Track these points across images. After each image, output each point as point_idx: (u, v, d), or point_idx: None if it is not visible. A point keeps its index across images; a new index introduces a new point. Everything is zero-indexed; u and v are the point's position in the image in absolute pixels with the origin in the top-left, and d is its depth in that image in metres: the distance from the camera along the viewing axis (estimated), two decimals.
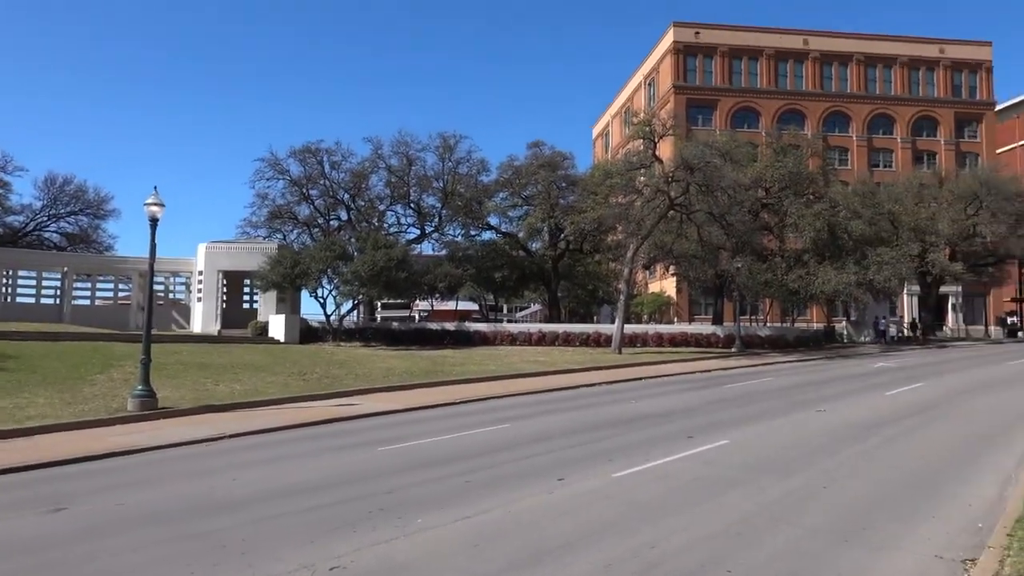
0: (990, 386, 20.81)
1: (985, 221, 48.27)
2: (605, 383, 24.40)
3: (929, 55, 65.97)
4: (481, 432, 14.51)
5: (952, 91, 66.14)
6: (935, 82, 66.11)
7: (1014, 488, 8.96)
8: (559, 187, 46.86)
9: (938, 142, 65.53)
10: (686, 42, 62.44)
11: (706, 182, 35.60)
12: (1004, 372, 25.14)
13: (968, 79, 66.86)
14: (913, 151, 64.77)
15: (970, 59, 66.66)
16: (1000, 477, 9.77)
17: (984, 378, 23.12)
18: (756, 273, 40.26)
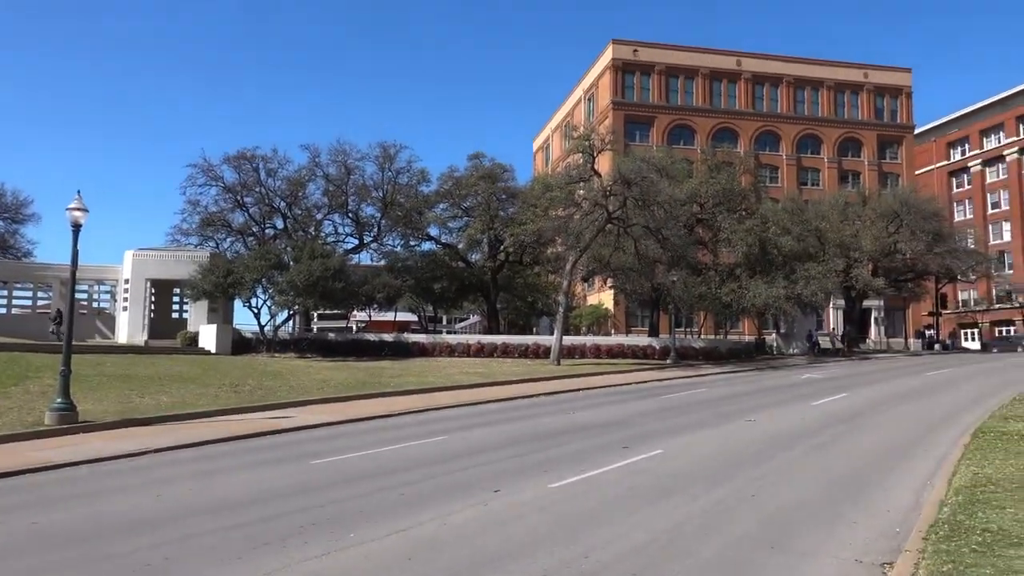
0: (909, 396, 21.75)
1: (905, 239, 50.66)
2: (543, 394, 24.51)
3: (854, 79, 69.07)
4: (418, 444, 14.38)
5: (875, 114, 69.35)
6: (859, 105, 69.21)
7: (929, 494, 9.37)
8: (499, 199, 47.03)
9: (862, 162, 68.52)
10: (625, 59, 63.77)
11: (643, 197, 36.30)
12: (922, 383, 26.33)
13: (890, 103, 70.23)
14: (839, 171, 67.54)
15: (891, 84, 70.07)
16: (917, 484, 10.20)
17: (903, 389, 24.16)
18: (691, 286, 41.21)
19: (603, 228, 37.98)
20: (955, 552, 6.62)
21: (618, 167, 37.97)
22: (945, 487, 9.46)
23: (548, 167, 76.16)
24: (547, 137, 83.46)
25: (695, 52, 65.89)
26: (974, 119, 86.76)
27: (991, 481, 9.55)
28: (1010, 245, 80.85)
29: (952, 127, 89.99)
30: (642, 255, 38.91)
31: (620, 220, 37.58)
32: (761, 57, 67.55)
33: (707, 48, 66.71)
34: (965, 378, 27.93)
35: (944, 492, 9.16)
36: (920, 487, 9.95)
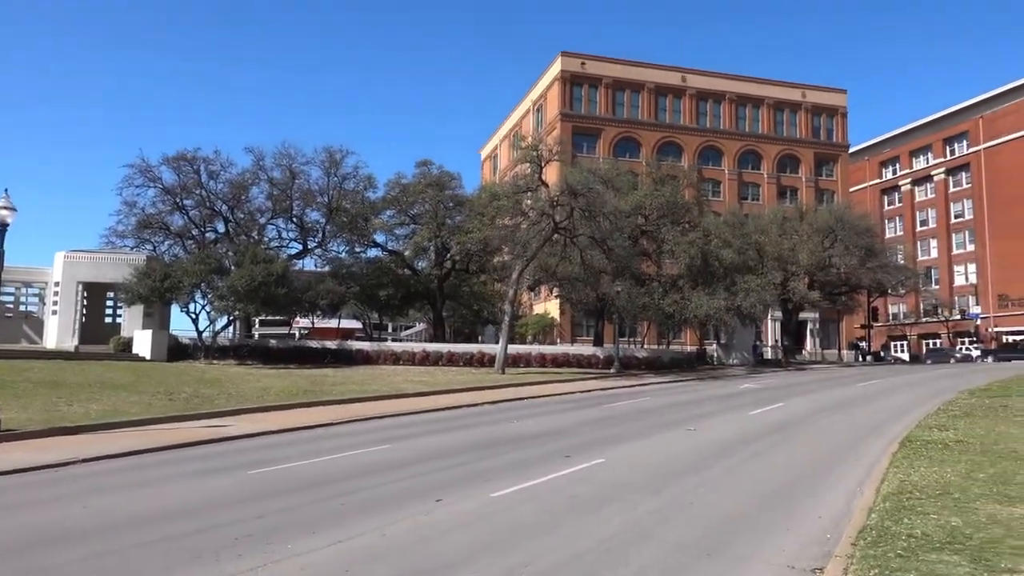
0: (842, 406, 22.47)
1: (839, 254, 52.55)
2: (488, 403, 24.49)
3: (793, 98, 71.37)
4: (360, 453, 14.18)
5: (812, 133, 71.78)
6: (797, 124, 71.54)
7: (859, 501, 9.69)
8: (447, 207, 46.90)
9: (799, 179, 70.75)
10: (573, 72, 64.54)
11: (589, 207, 36.71)
12: (854, 393, 27.24)
13: (826, 122, 72.80)
14: (778, 186, 69.59)
15: (828, 104, 72.64)
16: (848, 491, 10.53)
17: (837, 399, 24.95)
18: (635, 297, 41.80)
19: (550, 238, 38.25)
20: (881, 557, 6.86)
21: (565, 178, 38.34)
22: (874, 494, 9.79)
23: (496, 176, 76.37)
24: (495, 147, 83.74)
25: (642, 67, 67.13)
26: (905, 140, 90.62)
27: (916, 488, 9.93)
28: (937, 261, 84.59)
29: (884, 147, 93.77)
30: (588, 265, 39.31)
31: (566, 230, 37.91)
32: (705, 74, 69.24)
33: (653, 63, 68.00)
34: (895, 389, 29.01)
35: (873, 499, 9.49)
36: (850, 494, 10.28)
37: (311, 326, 69.22)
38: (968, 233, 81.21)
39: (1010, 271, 72.45)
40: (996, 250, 75.91)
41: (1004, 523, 8.01)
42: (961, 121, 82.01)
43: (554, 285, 45.96)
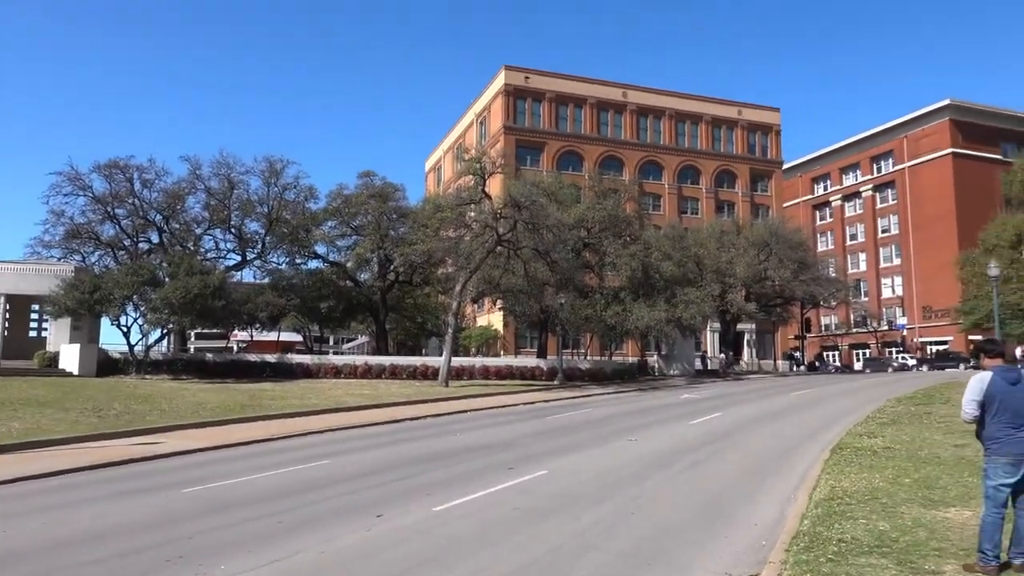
0: (778, 415, 23.08)
1: (774, 267, 54.13)
2: (431, 416, 24.31)
3: (729, 116, 73.50)
4: (299, 469, 13.88)
5: (748, 149, 74.02)
6: (734, 140, 73.67)
7: (792, 508, 9.95)
8: (390, 218, 46.59)
9: (736, 194, 72.77)
10: (516, 85, 65.04)
11: (532, 220, 36.94)
12: (789, 402, 28.03)
13: (761, 140, 75.17)
14: (716, 201, 71.42)
15: (762, 122, 75.05)
16: (782, 498, 10.81)
17: (773, 408, 25.62)
18: (578, 309, 42.18)
19: (493, 250, 38.32)
20: (813, 562, 7.06)
21: (509, 190, 38.54)
22: (806, 500, 10.07)
23: (440, 188, 76.25)
24: (439, 158, 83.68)
25: (584, 82, 68.13)
26: (835, 158, 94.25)
27: (846, 493, 10.26)
28: (866, 274, 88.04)
29: (816, 164, 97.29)
30: (531, 277, 39.52)
31: (510, 242, 38.05)
32: (645, 91, 70.68)
33: (595, 79, 69.11)
34: (827, 397, 29.95)
35: (805, 505, 9.76)
36: (785, 501, 10.55)
37: (250, 339, 67.62)
38: (894, 247, 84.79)
39: (933, 284, 75.87)
40: (920, 264, 79.46)
41: (928, 526, 8.35)
42: (887, 141, 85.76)
43: (498, 297, 46.03)
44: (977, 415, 6.71)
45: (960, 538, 7.75)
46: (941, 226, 76.35)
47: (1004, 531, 6.61)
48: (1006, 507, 6.58)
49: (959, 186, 76.05)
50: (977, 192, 74.58)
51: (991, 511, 6.56)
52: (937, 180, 78.12)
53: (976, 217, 69.03)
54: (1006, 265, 50.64)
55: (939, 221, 76.75)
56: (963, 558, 7.00)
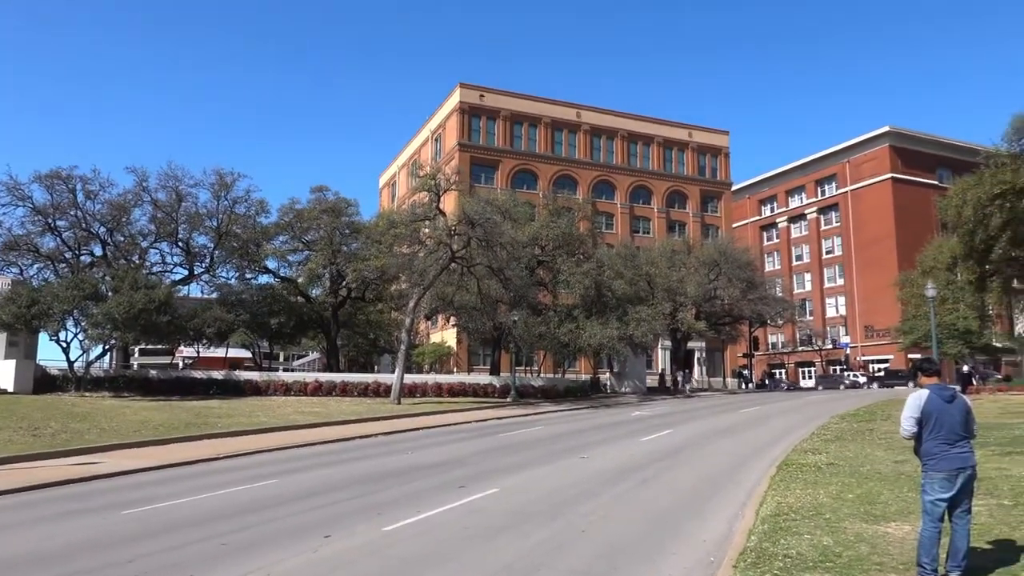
0: (726, 432, 23.45)
1: (723, 286, 55.18)
2: (382, 434, 24.02)
3: (680, 138, 75.04)
4: (245, 489, 13.54)
5: (698, 171, 75.59)
6: (685, 162, 75.17)
7: (740, 524, 10.09)
8: (342, 234, 46.20)
9: (687, 214, 74.16)
10: (471, 103, 65.37)
11: (487, 237, 37.02)
12: (738, 419, 28.51)
13: (711, 161, 76.88)
14: (667, 220, 72.66)
15: (712, 144, 76.83)
16: (730, 514, 10.96)
17: (722, 424, 26.02)
18: (531, 326, 42.32)
19: (447, 267, 38.26)
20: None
21: (463, 207, 38.57)
22: (753, 516, 10.23)
23: (394, 204, 75.96)
24: (394, 174, 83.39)
25: (538, 102, 68.88)
26: (781, 180, 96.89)
27: (792, 509, 10.46)
28: (811, 294, 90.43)
29: (763, 186, 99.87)
30: (485, 295, 39.53)
31: (464, 259, 38.04)
32: (599, 111, 71.77)
33: (550, 99, 70.00)
34: (775, 415, 30.56)
35: (752, 521, 9.91)
36: (732, 517, 10.70)
37: (196, 356, 65.97)
38: (838, 268, 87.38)
39: (874, 303, 78.41)
40: (862, 284, 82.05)
41: (869, 541, 8.56)
42: (830, 165, 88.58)
43: (451, 314, 45.91)
44: (915, 432, 6.92)
45: (900, 552, 7.96)
46: (882, 248, 79.03)
47: (941, 545, 6.82)
48: (943, 521, 6.78)
49: (898, 210, 78.96)
50: (915, 216, 77.47)
51: (928, 525, 6.76)
52: (878, 203, 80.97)
53: (915, 240, 71.69)
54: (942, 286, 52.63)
55: (880, 243, 79.45)
56: (903, 572, 7.20)
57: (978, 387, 40.17)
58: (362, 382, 40.77)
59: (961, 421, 6.81)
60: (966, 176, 44.08)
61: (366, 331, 53.10)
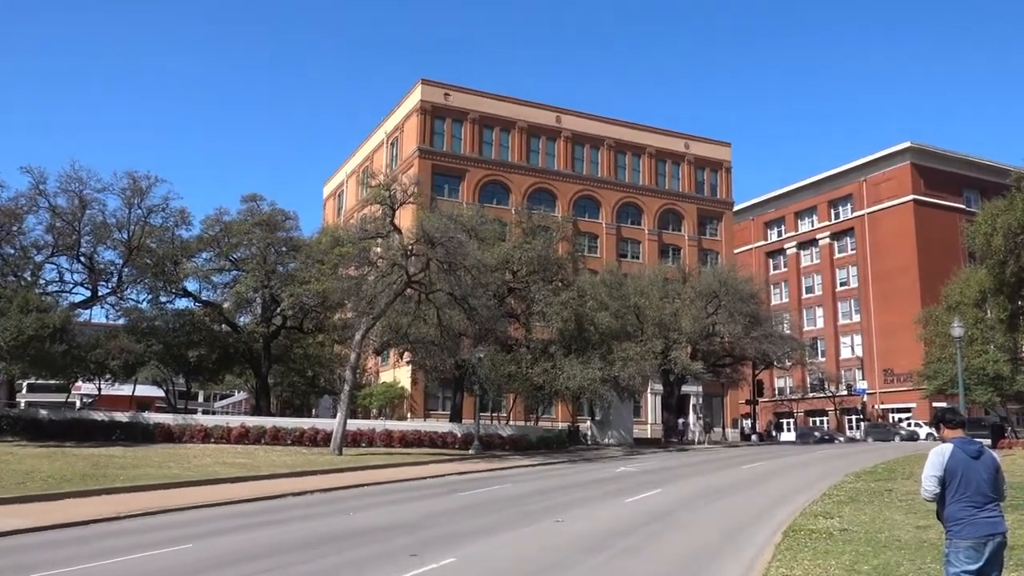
0: (724, 491, 23.54)
1: (723, 321, 55.77)
2: (320, 491, 23.72)
3: (675, 149, 76.22)
4: (150, 557, 13.21)
5: (696, 187, 76.75)
6: (680, 176, 76.34)
7: None
8: (278, 251, 46.01)
9: (682, 237, 75.14)
10: (434, 103, 65.79)
11: (449, 259, 37.04)
12: (739, 476, 28.64)
13: (710, 177, 78.16)
14: (659, 243, 73.51)
15: (712, 157, 78.17)
16: None
17: (720, 483, 26.12)
18: (500, 365, 42.31)
19: (401, 293, 38.18)
20: None
21: (421, 223, 38.61)
22: None
23: (341, 218, 75.87)
24: (341, 183, 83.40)
25: (512, 103, 69.55)
26: (790, 200, 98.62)
27: None
28: (823, 331, 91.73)
29: (770, 207, 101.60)
30: (445, 326, 39.45)
31: (421, 285, 38.00)
32: (582, 116, 72.70)
33: (525, 100, 70.76)
34: (781, 471, 30.77)
35: None
36: None
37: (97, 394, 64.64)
38: (853, 302, 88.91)
39: (894, 343, 79.58)
40: (880, 321, 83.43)
41: None
42: (845, 183, 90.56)
43: (405, 349, 45.71)
44: (937, 492, 6.96)
45: None
46: (902, 279, 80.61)
47: None
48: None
49: (921, 236, 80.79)
50: (940, 243, 79.31)
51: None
52: (898, 228, 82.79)
53: (939, 270, 73.15)
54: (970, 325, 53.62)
55: (900, 274, 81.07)
56: None
57: (1010, 441, 40.89)
58: (297, 428, 40.30)
59: (989, 480, 6.87)
60: (996, 200, 45.32)
61: (303, 367, 52.67)
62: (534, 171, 69.09)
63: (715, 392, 70.23)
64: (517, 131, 68.99)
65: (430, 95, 65.89)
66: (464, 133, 66.87)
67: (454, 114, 66.66)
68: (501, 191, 67.46)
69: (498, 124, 68.38)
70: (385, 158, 70.69)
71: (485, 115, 67.70)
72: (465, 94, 67.70)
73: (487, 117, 67.80)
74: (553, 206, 67.98)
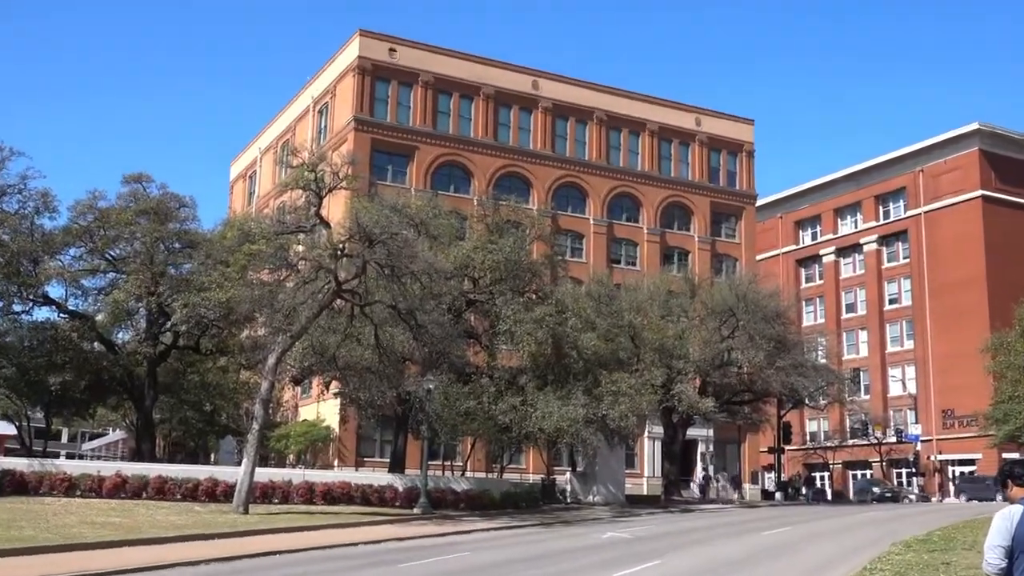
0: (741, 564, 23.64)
1: (741, 346, 55.91)
2: (218, 560, 23.53)
3: (684, 125, 76.57)
4: None
5: (708, 174, 77.15)
6: (689, 160, 76.71)
7: None
8: (170, 248, 45.71)
9: (691, 237, 75.48)
10: (376, 60, 65.57)
11: (391, 262, 36.90)
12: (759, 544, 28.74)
13: (727, 162, 78.65)
14: (662, 246, 73.82)
15: (730, 138, 78.63)
16: None
17: (736, 553, 26.20)
18: (455, 399, 42.16)
19: (329, 305, 37.99)
20: None
21: (357, 216, 38.43)
22: None
23: (252, 206, 75.44)
24: (254, 161, 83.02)
25: (477, 63, 69.59)
26: (827, 193, 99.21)
27: None
28: (867, 361, 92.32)
29: (802, 201, 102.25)
30: (385, 349, 39.27)
31: (355, 294, 37.83)
32: (566, 81, 73.01)
33: (493, 60, 70.75)
34: (811, 539, 30.96)
35: None
36: None
37: None
38: (905, 325, 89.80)
39: (955, 377, 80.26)
40: (939, 349, 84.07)
41: None
42: (897, 173, 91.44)
43: (333, 377, 45.44)
44: (1003, 567, 7.01)
45: None
46: (967, 296, 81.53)
47: None
48: None
49: (991, 241, 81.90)
50: (1015, 250, 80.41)
51: None
52: (963, 231, 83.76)
53: (1013, 285, 74.16)
54: None
55: (964, 289, 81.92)
56: None
57: None
58: (191, 479, 39.85)
59: None
60: None
61: (200, 399, 52.22)
62: (503, 150, 69.19)
63: (729, 437, 70.59)
64: (482, 99, 69.02)
65: (370, 50, 65.69)
66: (414, 100, 66.75)
67: (401, 75, 66.51)
68: (460, 176, 67.46)
69: (457, 89, 68.35)
70: (311, 131, 70.38)
71: (441, 77, 67.61)
72: (416, 50, 67.59)
73: (443, 80, 67.72)
74: (527, 196, 68.04)
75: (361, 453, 58.32)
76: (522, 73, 71.38)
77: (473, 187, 66.62)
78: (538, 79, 71.69)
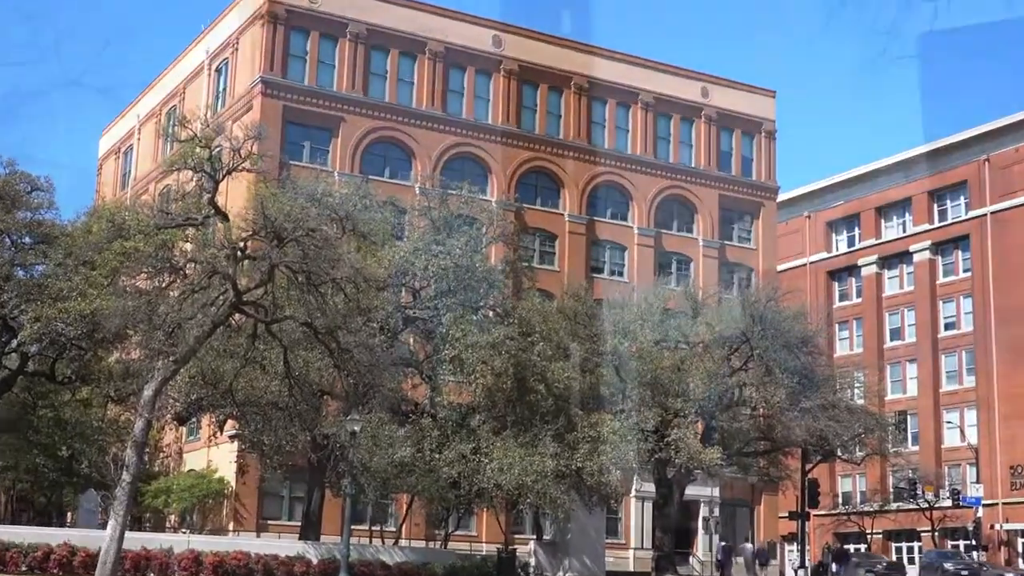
0: None
1: (756, 380, 55.84)
2: None
3: (687, 97, 76.66)
4: None
5: (717, 160, 77.24)
6: (693, 141, 76.77)
7: None
8: (18, 244, 45.24)
9: (694, 240, 75.62)
10: (291, 5, 65.15)
11: (307, 267, 36.68)
12: None
13: (741, 144, 78.63)
14: (656, 251, 73.84)
15: (745, 114, 78.79)
16: None
17: None
18: (387, 445, 41.95)
19: (225, 321, 37.70)
20: None
21: (263, 206, 38.25)
22: None
23: (127, 191, 74.72)
24: (130, 132, 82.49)
25: (421, 10, 69.41)
26: (866, 187, 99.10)
27: None
28: (916, 402, 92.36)
29: (834, 196, 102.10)
30: (298, 379, 39.07)
31: (259, 308, 37.56)
32: (535, 37, 73.03)
33: (443, 8, 70.52)
34: None
35: None
36: None
37: None
38: (966, 356, 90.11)
39: None
40: (1009, 389, 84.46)
41: None
42: (956, 163, 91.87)
43: (229, 415, 45.21)
44: None
45: None
46: None
47: None
48: None
49: None
50: None
51: None
52: None
53: None
54: None
55: None
56: None
57: None
58: (38, 543, 39.48)
59: None
60: None
61: (54, 441, 51.71)
62: (455, 124, 69.08)
63: (740, 499, 70.74)
64: (428, 57, 68.79)
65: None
66: (340, 58, 66.44)
67: (323, 25, 66.15)
68: (398, 155, 67.29)
69: (396, 45, 68.09)
70: (205, 94, 69.91)
71: (375, 29, 67.27)
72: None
73: (378, 32, 67.40)
74: (484, 184, 67.80)
75: (264, 514, 57.87)
76: (480, 26, 71.26)
77: (414, 171, 66.36)
78: (501, 34, 71.42)
